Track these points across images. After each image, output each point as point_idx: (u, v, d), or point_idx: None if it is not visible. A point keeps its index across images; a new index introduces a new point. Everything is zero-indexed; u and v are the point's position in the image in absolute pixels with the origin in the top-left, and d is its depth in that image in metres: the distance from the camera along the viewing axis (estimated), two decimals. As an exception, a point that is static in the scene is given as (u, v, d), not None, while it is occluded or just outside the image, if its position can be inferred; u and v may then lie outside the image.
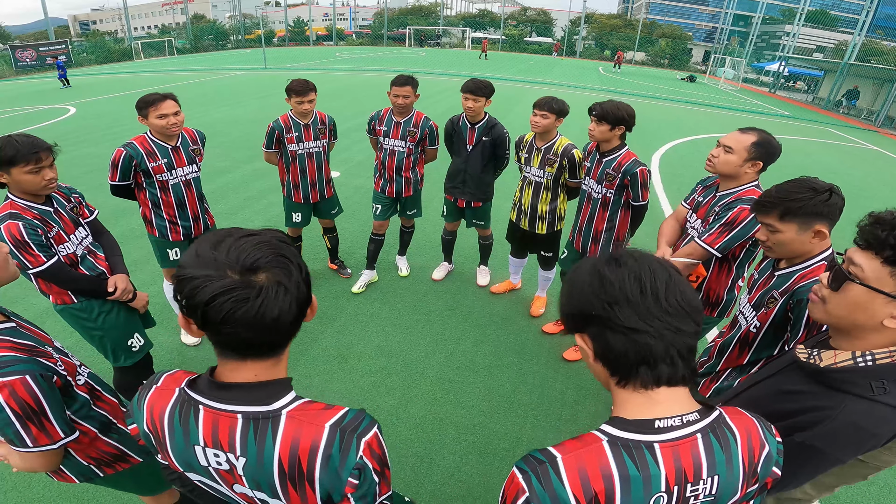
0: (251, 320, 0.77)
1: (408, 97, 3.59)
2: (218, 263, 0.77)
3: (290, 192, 3.87)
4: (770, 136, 2.13)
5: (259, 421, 0.85)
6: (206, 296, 0.75)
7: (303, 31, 52.47)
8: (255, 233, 0.83)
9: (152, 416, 0.93)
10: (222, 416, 0.86)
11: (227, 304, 0.75)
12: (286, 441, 0.84)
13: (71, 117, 11.47)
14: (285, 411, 0.87)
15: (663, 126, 13.07)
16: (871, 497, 2.62)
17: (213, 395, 0.88)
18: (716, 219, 2.18)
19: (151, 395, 0.94)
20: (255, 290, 0.76)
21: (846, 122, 19.59)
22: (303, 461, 0.84)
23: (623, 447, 0.78)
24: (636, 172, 2.76)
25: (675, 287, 0.78)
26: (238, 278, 0.76)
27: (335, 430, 0.86)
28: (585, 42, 50.77)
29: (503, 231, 4.04)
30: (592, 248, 3.10)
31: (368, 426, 0.90)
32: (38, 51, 26.20)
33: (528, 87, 19.86)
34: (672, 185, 7.59)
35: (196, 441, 0.88)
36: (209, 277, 0.76)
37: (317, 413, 0.88)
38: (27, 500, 2.36)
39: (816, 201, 1.56)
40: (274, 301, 0.77)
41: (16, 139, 1.97)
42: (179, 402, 0.90)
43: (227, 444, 0.86)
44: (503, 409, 3.05)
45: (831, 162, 11.05)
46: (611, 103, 2.72)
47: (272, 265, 0.79)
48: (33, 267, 2.04)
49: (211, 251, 0.78)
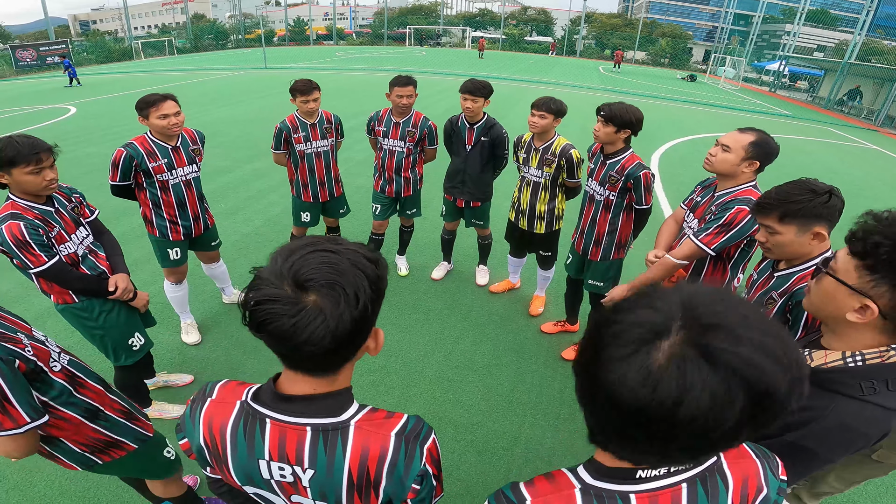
0: (280, 335, 0.76)
1: (410, 97, 3.60)
2: (281, 272, 0.77)
3: (300, 191, 3.89)
4: (768, 136, 2.14)
5: (329, 433, 0.86)
6: (255, 297, 0.76)
7: (303, 30, 52.47)
8: (337, 251, 0.80)
9: (211, 430, 0.91)
10: (290, 428, 0.86)
11: (265, 313, 0.75)
12: (356, 451, 0.86)
13: (71, 117, 11.49)
14: (353, 422, 0.88)
15: (663, 125, 13.07)
16: (867, 496, 2.63)
17: (279, 408, 0.88)
18: (713, 218, 2.18)
19: (208, 408, 0.93)
20: (295, 307, 0.75)
21: (846, 121, 19.58)
22: (371, 470, 0.86)
23: (595, 496, 0.72)
24: (639, 176, 2.72)
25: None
26: (289, 292, 0.75)
27: (400, 438, 0.88)
28: (585, 41, 50.73)
29: (502, 231, 4.05)
30: (594, 250, 3.08)
31: (428, 433, 0.92)
32: (39, 50, 26.21)
33: (528, 86, 19.87)
34: (672, 185, 7.60)
35: (261, 455, 0.88)
36: (268, 282, 0.77)
37: (382, 422, 0.90)
38: (29, 499, 2.38)
39: (816, 203, 1.57)
40: (307, 326, 0.75)
41: (16, 140, 1.98)
42: (243, 416, 0.90)
43: (294, 457, 0.86)
44: (502, 407, 3.06)
45: (831, 161, 11.05)
46: (620, 105, 2.66)
47: (322, 290, 0.76)
48: (35, 267, 2.05)
49: (285, 257, 0.78)
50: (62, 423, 1.51)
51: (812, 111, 21.94)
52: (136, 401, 2.77)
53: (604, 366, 0.60)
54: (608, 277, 3.14)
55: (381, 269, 0.84)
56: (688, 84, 28.68)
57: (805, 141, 13.37)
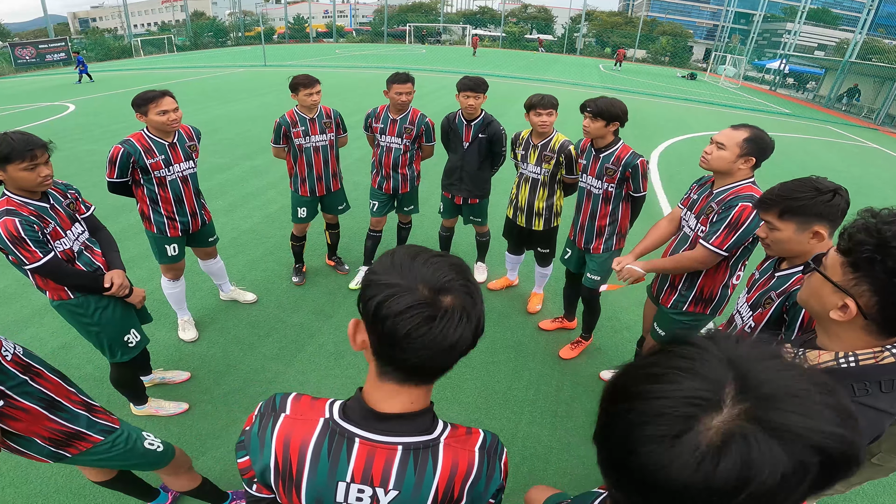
0: (430, 342, 0.75)
1: (409, 94, 3.60)
2: (413, 276, 0.75)
3: (297, 186, 3.89)
4: (762, 132, 2.13)
5: (420, 451, 0.85)
6: (399, 307, 0.73)
7: (303, 28, 52.33)
8: (444, 255, 0.81)
9: (287, 449, 0.86)
10: (380, 448, 0.84)
11: (415, 319, 0.73)
12: (446, 469, 0.85)
13: (70, 114, 11.47)
14: (443, 438, 0.87)
15: (662, 124, 13.05)
16: (864, 496, 2.63)
17: (370, 427, 0.84)
18: (718, 219, 2.16)
19: (283, 424, 0.88)
20: (441, 310, 0.74)
21: (847, 119, 19.56)
22: (456, 487, 0.86)
23: None
24: (637, 164, 2.79)
25: None
26: (428, 295, 0.74)
27: (483, 454, 0.88)
28: (586, 40, 50.63)
29: (500, 228, 4.04)
30: (597, 243, 3.08)
31: (503, 448, 0.94)
32: (38, 48, 26.15)
33: (527, 84, 19.83)
34: (671, 183, 7.59)
35: (342, 477, 0.85)
36: (403, 288, 0.75)
37: (465, 438, 0.89)
38: (24, 495, 2.38)
39: (817, 202, 1.55)
40: (455, 327, 0.75)
41: (11, 137, 1.98)
42: (329, 434, 0.85)
43: (379, 479, 0.84)
44: (499, 405, 3.06)
45: (831, 160, 11.04)
46: (604, 100, 2.73)
47: (461, 290, 0.77)
48: (30, 263, 2.05)
49: (410, 262, 0.77)
50: (19, 414, 1.53)
51: (812, 110, 21.92)
52: (132, 398, 2.79)
53: (641, 447, 0.51)
54: (605, 269, 3.14)
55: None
56: (688, 82, 28.63)
57: (805, 139, 13.35)
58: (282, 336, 3.61)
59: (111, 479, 2.01)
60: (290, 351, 3.45)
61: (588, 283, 3.24)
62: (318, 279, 4.38)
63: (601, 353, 3.58)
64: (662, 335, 2.58)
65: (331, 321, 3.80)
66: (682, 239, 2.42)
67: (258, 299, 4.03)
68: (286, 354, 3.42)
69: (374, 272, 0.78)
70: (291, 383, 3.16)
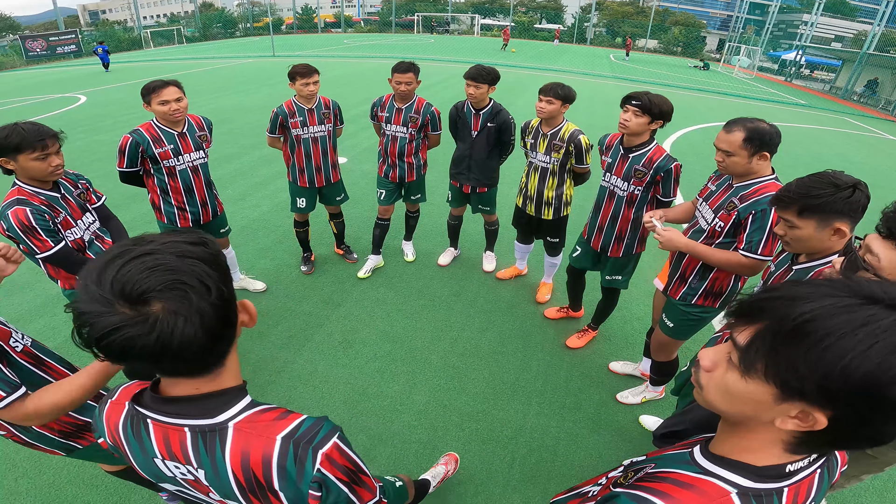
0: (152, 353, 0.70)
1: (410, 84, 3.57)
2: (104, 297, 0.68)
3: (296, 176, 3.88)
4: (755, 122, 2.02)
5: (206, 434, 0.82)
6: (96, 333, 0.68)
7: (311, 18, 52.18)
8: (151, 251, 0.72)
9: (111, 430, 0.92)
10: (171, 429, 0.84)
11: (119, 341, 0.68)
12: (235, 454, 0.82)
13: (82, 105, 11.54)
14: (232, 424, 0.83)
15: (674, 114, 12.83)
16: (874, 490, 2.60)
17: (158, 409, 0.85)
18: (757, 226, 2.03)
19: (107, 408, 0.93)
20: (148, 323, 0.68)
21: (864, 111, 19.18)
22: (258, 474, 0.81)
23: (754, 497, 0.69)
24: (671, 169, 2.59)
25: None
26: (129, 312, 0.68)
27: (287, 442, 0.82)
28: (596, 29, 49.96)
29: (509, 217, 4.02)
30: (615, 246, 2.97)
31: (326, 436, 0.85)
32: (49, 41, 26.31)
33: (537, 73, 19.64)
34: (683, 174, 7.43)
35: (153, 454, 0.86)
36: (97, 313, 0.68)
37: (268, 424, 0.84)
38: (38, 486, 2.41)
39: (837, 198, 1.50)
40: (172, 333, 0.69)
41: (22, 127, 1.99)
42: (130, 416, 0.88)
43: (182, 457, 0.84)
44: (507, 396, 3.06)
45: (847, 151, 10.83)
46: (656, 96, 2.54)
47: (165, 293, 0.69)
48: (41, 252, 2.06)
49: (96, 281, 0.69)
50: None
51: (828, 101, 21.50)
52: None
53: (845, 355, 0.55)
54: (627, 271, 3.09)
55: (212, 246, 0.79)
56: (700, 72, 28.18)
57: (821, 130, 13.11)
58: (290, 325, 3.62)
59: (125, 468, 2.02)
60: (299, 340, 3.47)
61: (608, 285, 3.18)
62: (326, 268, 4.39)
63: (610, 345, 3.56)
64: (671, 326, 2.56)
65: (339, 310, 3.81)
66: (697, 231, 2.35)
67: (267, 288, 4.05)
68: (295, 343, 3.44)
69: (75, 299, 0.71)
70: (300, 372, 3.17)
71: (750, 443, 0.70)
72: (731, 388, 0.68)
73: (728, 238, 2.17)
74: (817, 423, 0.60)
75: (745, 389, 0.66)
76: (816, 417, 0.60)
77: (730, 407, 0.70)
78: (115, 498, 2.35)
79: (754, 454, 0.70)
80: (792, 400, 0.61)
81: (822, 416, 0.60)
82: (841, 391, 0.56)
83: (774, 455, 0.69)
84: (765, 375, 0.63)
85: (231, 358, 0.86)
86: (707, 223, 2.27)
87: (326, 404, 2.94)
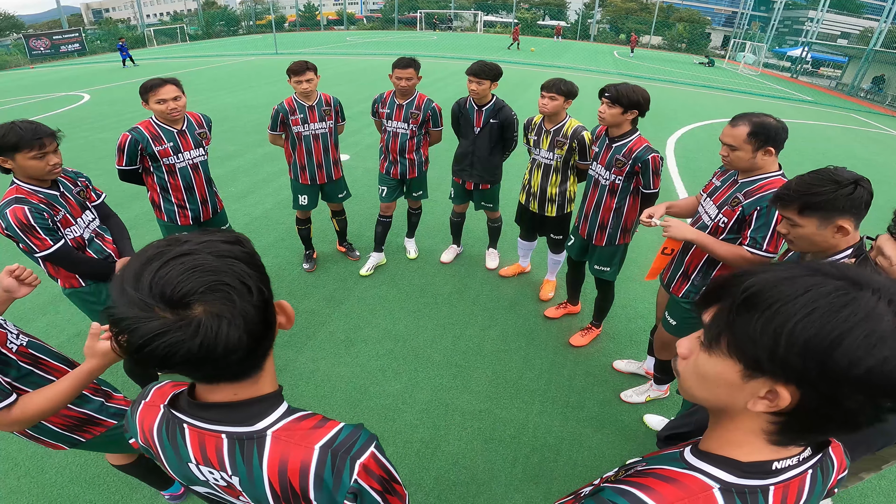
0: (196, 359, 0.68)
1: (410, 80, 3.54)
2: (143, 300, 0.65)
3: (297, 174, 3.87)
4: (762, 117, 1.99)
5: (244, 442, 0.81)
6: (137, 340, 0.65)
7: (313, 15, 52.12)
8: (189, 252, 0.69)
9: (144, 433, 0.90)
10: (207, 435, 0.82)
11: (162, 347, 0.65)
12: (273, 463, 0.80)
13: (85, 104, 11.57)
14: (270, 432, 0.81)
15: (679, 110, 12.79)
16: (881, 491, 2.56)
17: (195, 415, 0.83)
18: (762, 223, 2.00)
19: (141, 410, 0.92)
20: (191, 327, 0.65)
21: (870, 108, 19.01)
22: (294, 483, 0.80)
23: (738, 494, 0.67)
24: (648, 160, 2.64)
25: None
26: (170, 316, 0.65)
27: (326, 451, 0.80)
28: (600, 26, 49.70)
29: (512, 213, 3.99)
30: (599, 235, 3.01)
31: (364, 446, 0.83)
32: (52, 39, 26.41)
33: (540, 70, 19.55)
34: (687, 171, 7.44)
35: (188, 459, 0.85)
36: (136, 319, 0.65)
37: (306, 433, 0.82)
38: (40, 485, 2.41)
39: (838, 195, 1.47)
40: (216, 337, 0.67)
41: (19, 126, 1.99)
42: (165, 420, 0.87)
43: (217, 463, 0.83)
44: (509, 394, 3.03)
45: (854, 147, 10.73)
46: (625, 86, 2.60)
47: (207, 295, 0.66)
48: (40, 251, 2.05)
49: (133, 285, 0.66)
50: None
51: (835, 97, 21.33)
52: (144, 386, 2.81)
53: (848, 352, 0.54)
54: (614, 262, 3.07)
55: (247, 244, 0.76)
56: (705, 69, 27.98)
57: (827, 126, 12.99)
58: (292, 323, 3.61)
59: (131, 463, 2.02)
60: (301, 338, 3.46)
61: (597, 275, 3.18)
62: (328, 266, 4.38)
63: (614, 343, 3.53)
64: (673, 324, 2.53)
65: (341, 308, 3.79)
66: (699, 226, 2.32)
67: (269, 287, 4.03)
68: (297, 341, 3.42)
69: (111, 304, 0.68)
70: (302, 370, 3.16)
71: (733, 435, 0.69)
72: (702, 370, 0.68)
73: (731, 234, 2.15)
74: (781, 398, 0.60)
75: (713, 370, 0.66)
76: (780, 393, 0.60)
77: (706, 393, 0.70)
78: (117, 497, 2.35)
79: (739, 448, 0.69)
80: (756, 376, 0.62)
81: (785, 391, 0.60)
82: (790, 359, 0.57)
83: (758, 448, 0.68)
84: (728, 351, 0.63)
85: (268, 362, 0.83)
86: (710, 219, 2.24)
87: (328, 403, 2.92)
